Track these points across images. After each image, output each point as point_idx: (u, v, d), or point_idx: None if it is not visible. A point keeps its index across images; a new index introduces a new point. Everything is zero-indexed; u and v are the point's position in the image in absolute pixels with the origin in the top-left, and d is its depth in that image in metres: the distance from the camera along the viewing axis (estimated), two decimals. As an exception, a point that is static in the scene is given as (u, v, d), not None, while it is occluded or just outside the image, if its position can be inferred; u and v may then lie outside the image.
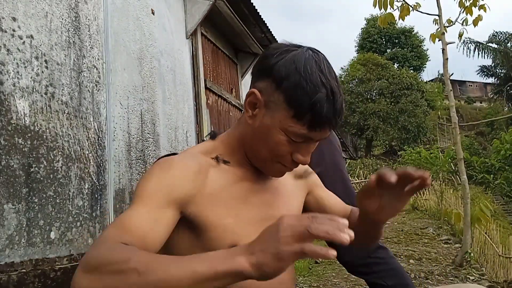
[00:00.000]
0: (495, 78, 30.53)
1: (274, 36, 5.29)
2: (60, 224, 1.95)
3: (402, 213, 10.93)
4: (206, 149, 0.88)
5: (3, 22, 1.79)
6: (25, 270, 1.70)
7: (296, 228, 0.57)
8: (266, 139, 0.81)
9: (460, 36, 4.90)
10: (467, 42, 25.36)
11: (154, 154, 2.94)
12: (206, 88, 4.03)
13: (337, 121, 0.78)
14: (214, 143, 0.90)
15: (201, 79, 3.88)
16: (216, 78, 4.46)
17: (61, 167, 2.01)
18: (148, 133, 2.91)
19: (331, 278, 3.49)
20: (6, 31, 1.80)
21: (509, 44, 26.27)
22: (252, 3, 4.47)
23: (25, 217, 1.76)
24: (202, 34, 4.14)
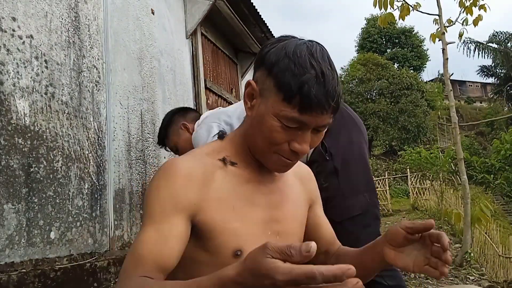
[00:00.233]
0: (495, 78, 30.50)
1: (274, 36, 5.29)
2: (60, 224, 1.95)
3: (402, 213, 10.95)
4: (214, 150, 0.88)
5: (3, 22, 1.79)
6: (25, 270, 1.70)
7: (291, 277, 0.49)
8: (261, 127, 0.79)
9: (460, 36, 4.90)
10: (467, 42, 25.33)
11: (154, 154, 2.94)
12: (206, 88, 4.02)
13: (330, 104, 0.74)
14: (222, 143, 0.89)
15: (201, 79, 3.88)
16: (216, 78, 4.46)
17: (61, 167, 2.01)
18: (148, 133, 2.91)
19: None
20: (6, 31, 1.80)
21: (509, 44, 26.24)
22: (252, 3, 4.47)
23: (25, 217, 1.76)
24: (202, 34, 4.14)
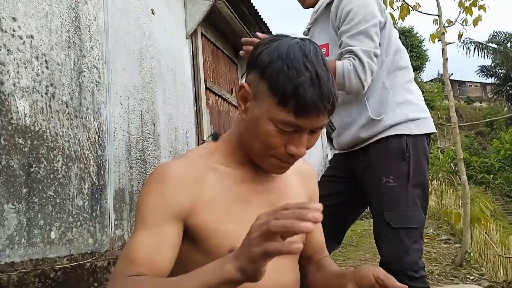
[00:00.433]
0: (495, 78, 30.51)
1: (274, 36, 5.30)
2: (60, 224, 1.95)
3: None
4: (207, 151, 0.87)
5: (3, 22, 1.79)
6: (25, 270, 1.70)
7: (261, 228, 0.57)
8: (257, 132, 0.78)
9: (460, 36, 4.91)
10: (467, 42, 25.33)
11: (154, 154, 2.94)
12: (206, 88, 4.03)
13: (326, 107, 0.73)
14: (216, 144, 0.88)
15: (201, 79, 3.88)
16: (216, 78, 4.46)
17: (61, 167, 2.01)
18: (148, 133, 2.92)
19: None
20: (6, 31, 1.81)
21: (509, 44, 26.25)
22: (252, 3, 4.48)
23: (25, 217, 1.76)
24: (202, 34, 4.14)
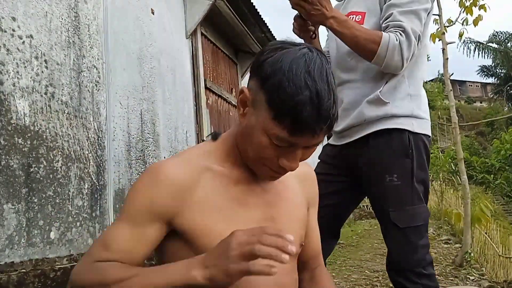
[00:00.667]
0: (495, 78, 30.50)
1: (274, 36, 5.29)
2: (60, 224, 1.95)
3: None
4: (205, 150, 0.86)
5: (3, 22, 1.79)
6: (25, 270, 1.70)
7: (244, 247, 0.63)
8: (251, 140, 0.77)
9: (460, 36, 4.91)
10: (467, 42, 25.30)
11: (154, 154, 2.94)
12: (206, 88, 4.02)
13: (322, 128, 0.71)
14: (214, 144, 0.88)
15: (201, 79, 3.88)
16: (216, 78, 4.46)
17: (61, 167, 2.01)
18: (148, 133, 2.91)
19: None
20: (6, 31, 1.80)
21: (509, 44, 26.24)
22: (252, 3, 4.47)
23: (25, 217, 1.76)
24: (202, 34, 4.14)
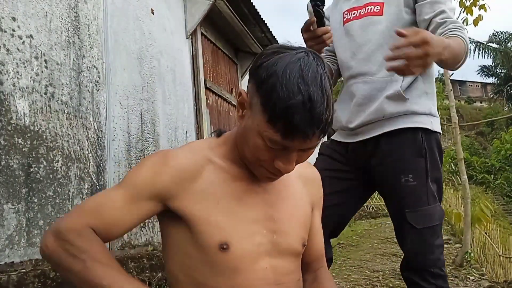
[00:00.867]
0: (495, 78, 30.50)
1: (274, 36, 5.29)
2: (60, 224, 1.95)
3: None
4: (208, 145, 0.89)
5: (3, 22, 1.79)
6: (25, 270, 1.70)
7: None
8: (248, 142, 0.79)
9: (460, 36, 4.89)
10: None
11: (154, 154, 2.94)
12: (206, 88, 4.02)
13: (314, 132, 0.72)
14: (218, 140, 0.90)
15: (201, 79, 3.88)
16: (216, 78, 4.46)
17: (61, 167, 2.01)
18: (148, 133, 2.91)
19: (332, 276, 3.49)
20: (6, 31, 1.80)
21: (509, 44, 26.23)
22: (252, 3, 4.47)
23: (25, 217, 1.76)
24: (202, 34, 4.14)
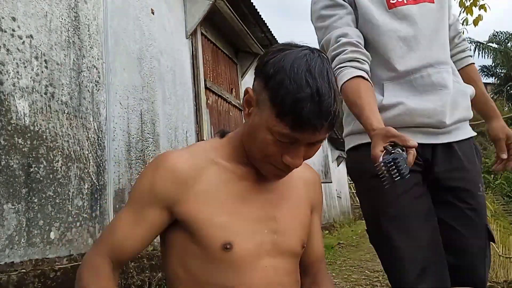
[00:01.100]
0: (495, 78, 30.48)
1: (274, 36, 5.29)
2: (60, 224, 1.95)
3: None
4: (212, 146, 0.89)
5: (3, 22, 1.79)
6: (25, 270, 1.70)
7: None
8: (256, 138, 0.80)
9: (460, 36, 4.89)
10: (468, 42, 25.29)
11: (154, 154, 2.94)
12: (206, 88, 4.02)
13: (323, 124, 0.74)
14: (221, 141, 0.91)
15: (201, 79, 3.88)
16: (216, 78, 4.46)
17: (61, 167, 2.01)
18: (148, 133, 2.91)
19: (331, 279, 3.49)
20: (6, 31, 1.80)
21: (510, 44, 26.23)
22: (252, 3, 4.47)
23: (25, 217, 1.76)
24: (202, 34, 4.14)
